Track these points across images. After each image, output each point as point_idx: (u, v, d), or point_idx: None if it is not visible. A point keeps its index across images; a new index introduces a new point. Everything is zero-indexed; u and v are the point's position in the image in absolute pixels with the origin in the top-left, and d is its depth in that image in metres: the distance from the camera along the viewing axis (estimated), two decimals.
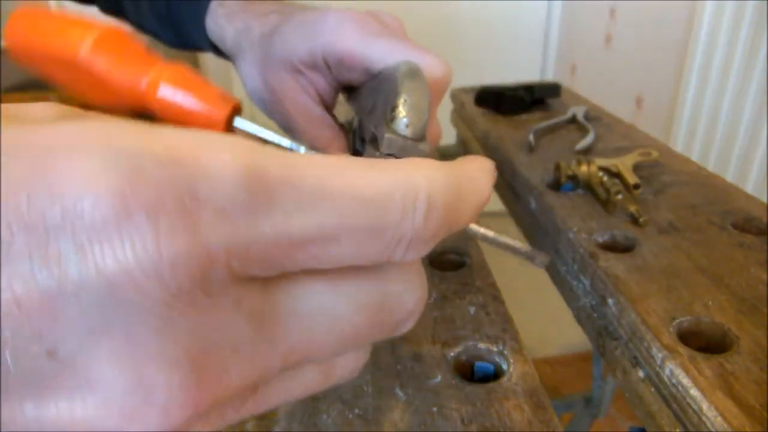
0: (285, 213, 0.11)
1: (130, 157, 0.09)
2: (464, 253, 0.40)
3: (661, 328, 0.29)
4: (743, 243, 0.37)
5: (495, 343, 0.31)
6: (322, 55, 0.32)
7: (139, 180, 0.09)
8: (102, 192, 0.09)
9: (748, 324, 0.29)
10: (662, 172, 0.48)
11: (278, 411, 0.27)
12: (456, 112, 0.76)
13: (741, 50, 1.00)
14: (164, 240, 0.09)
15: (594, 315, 0.35)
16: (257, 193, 0.10)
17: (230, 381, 0.12)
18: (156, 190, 0.09)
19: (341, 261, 0.12)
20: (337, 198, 0.11)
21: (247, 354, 0.12)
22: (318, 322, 0.13)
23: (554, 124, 0.61)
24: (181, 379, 0.11)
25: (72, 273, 0.09)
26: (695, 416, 0.25)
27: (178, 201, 0.10)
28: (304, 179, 0.11)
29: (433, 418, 0.26)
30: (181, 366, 0.11)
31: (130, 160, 0.09)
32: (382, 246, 0.12)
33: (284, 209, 0.11)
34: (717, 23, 1.04)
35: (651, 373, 0.29)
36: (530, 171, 0.49)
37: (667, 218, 0.40)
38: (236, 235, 0.10)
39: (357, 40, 0.30)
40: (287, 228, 0.11)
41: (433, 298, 0.35)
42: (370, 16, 0.32)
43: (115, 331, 0.10)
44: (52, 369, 0.10)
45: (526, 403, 0.27)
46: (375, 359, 0.30)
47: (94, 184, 0.09)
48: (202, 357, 0.11)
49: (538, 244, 0.46)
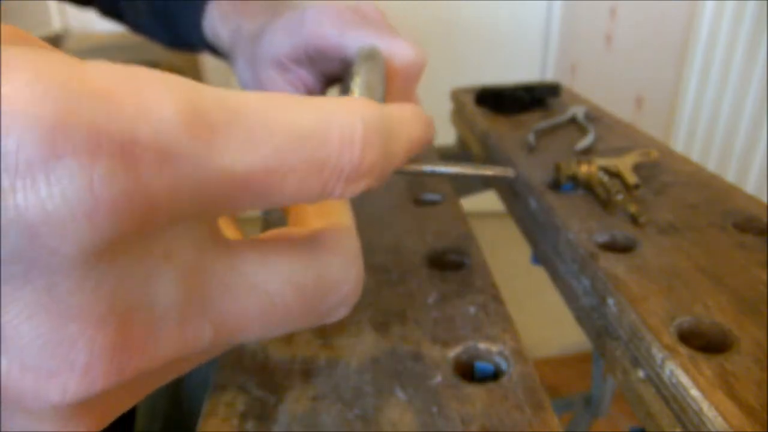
0: (228, 152, 0.10)
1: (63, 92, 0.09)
2: (464, 253, 0.40)
3: (661, 328, 0.29)
4: (743, 243, 0.37)
5: (495, 343, 0.31)
6: (305, 49, 0.33)
7: (71, 119, 0.09)
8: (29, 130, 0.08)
9: (749, 324, 0.29)
10: (662, 172, 0.48)
11: (277, 411, 0.27)
12: (456, 112, 0.76)
13: (741, 50, 1.00)
14: (99, 183, 0.09)
15: (594, 315, 0.35)
16: (198, 132, 0.10)
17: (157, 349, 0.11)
18: (90, 130, 0.09)
19: (284, 199, 0.12)
20: (279, 134, 0.11)
21: (176, 320, 0.11)
22: (250, 299, 0.13)
23: (554, 124, 0.61)
24: (105, 340, 0.10)
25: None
26: (695, 416, 0.25)
27: (115, 142, 0.09)
28: (246, 117, 0.11)
29: (433, 418, 0.26)
30: (106, 325, 0.10)
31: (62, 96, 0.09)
32: (322, 181, 0.12)
33: (227, 148, 0.10)
34: (717, 23, 1.03)
35: (651, 374, 0.29)
36: (530, 171, 0.49)
37: (667, 218, 0.40)
38: (178, 177, 0.10)
39: (333, 31, 0.31)
40: (231, 167, 0.11)
41: (433, 298, 0.35)
42: (348, 9, 0.33)
43: (36, 283, 0.09)
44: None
45: (526, 403, 0.27)
46: (375, 359, 0.30)
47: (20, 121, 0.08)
48: (128, 316, 0.10)
49: (539, 244, 0.46)
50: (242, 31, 0.37)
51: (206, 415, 0.27)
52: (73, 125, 0.09)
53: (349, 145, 0.12)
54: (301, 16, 0.33)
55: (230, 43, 0.38)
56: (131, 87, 0.09)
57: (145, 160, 0.09)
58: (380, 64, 0.25)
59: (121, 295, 0.10)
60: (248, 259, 0.13)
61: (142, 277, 0.11)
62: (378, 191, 0.43)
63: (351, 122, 0.13)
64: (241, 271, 0.13)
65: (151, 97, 0.10)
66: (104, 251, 0.10)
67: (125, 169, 0.09)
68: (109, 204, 0.09)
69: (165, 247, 0.11)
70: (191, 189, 0.10)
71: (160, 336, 0.11)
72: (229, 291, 0.12)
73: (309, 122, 0.12)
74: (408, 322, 0.33)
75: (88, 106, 0.09)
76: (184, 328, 0.12)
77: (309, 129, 0.12)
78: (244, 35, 0.37)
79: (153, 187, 0.09)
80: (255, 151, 0.11)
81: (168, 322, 0.11)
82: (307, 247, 0.14)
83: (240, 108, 0.11)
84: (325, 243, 0.15)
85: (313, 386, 0.28)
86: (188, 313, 0.12)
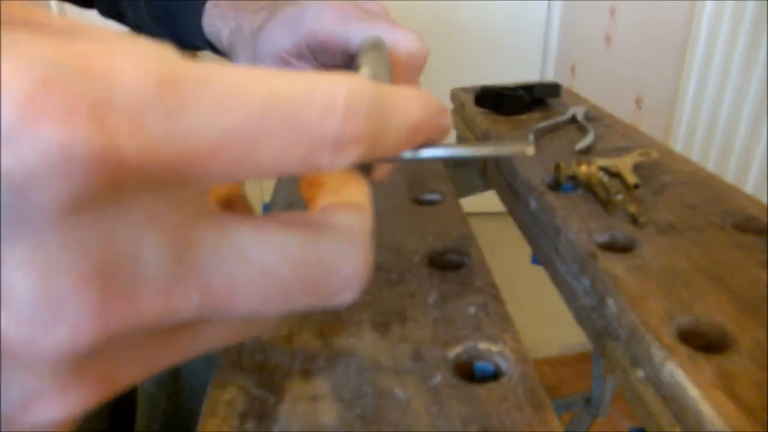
0: (199, 115, 0.11)
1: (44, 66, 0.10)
2: (464, 253, 0.40)
3: (661, 328, 0.29)
4: (743, 243, 0.37)
5: (495, 343, 0.31)
6: (306, 44, 0.33)
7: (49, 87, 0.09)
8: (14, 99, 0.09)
9: (748, 324, 0.29)
10: (662, 172, 0.48)
11: (277, 411, 0.27)
12: (456, 112, 0.76)
13: (741, 50, 1.00)
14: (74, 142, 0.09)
15: (594, 315, 0.35)
16: (168, 94, 0.10)
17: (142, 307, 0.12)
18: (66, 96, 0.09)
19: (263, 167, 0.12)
20: (254, 98, 0.11)
21: (161, 282, 0.12)
22: (241, 270, 0.13)
23: (554, 124, 0.61)
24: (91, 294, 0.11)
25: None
26: (695, 416, 0.25)
27: (91, 106, 0.10)
28: (219, 83, 0.11)
29: (433, 418, 0.26)
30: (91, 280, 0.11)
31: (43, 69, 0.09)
32: (304, 149, 0.12)
33: (198, 111, 0.11)
34: (717, 23, 1.03)
35: (651, 373, 0.29)
36: (530, 171, 0.49)
37: (666, 218, 0.40)
38: (147, 137, 0.10)
39: (335, 25, 0.32)
40: (202, 130, 0.11)
41: (433, 298, 0.35)
42: (350, 4, 0.33)
43: (25, 238, 0.10)
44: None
45: (526, 403, 0.27)
46: (375, 359, 0.30)
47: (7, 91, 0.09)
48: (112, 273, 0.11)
49: (538, 244, 0.46)
50: (242, 29, 0.37)
51: (206, 415, 0.27)
52: (51, 92, 0.09)
53: (331, 111, 0.12)
54: (302, 11, 0.33)
55: (230, 41, 0.39)
56: (107, 57, 0.10)
57: (117, 121, 0.10)
58: (385, 54, 0.25)
59: (105, 253, 0.11)
60: (241, 230, 0.13)
61: (126, 237, 0.11)
62: (378, 191, 0.43)
63: (333, 90, 0.12)
64: (231, 241, 0.13)
65: (125, 65, 0.10)
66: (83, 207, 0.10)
67: (98, 130, 0.10)
68: (85, 160, 0.10)
69: (148, 211, 0.11)
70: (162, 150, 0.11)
71: (145, 294, 0.12)
72: (218, 260, 0.12)
73: (288, 89, 0.12)
74: (408, 322, 0.33)
75: (66, 76, 0.10)
76: (170, 289, 0.12)
77: (288, 95, 0.12)
78: (245, 32, 0.37)
79: (125, 146, 0.10)
80: (227, 116, 0.11)
81: (153, 282, 0.12)
82: (309, 225, 0.14)
83: (213, 75, 0.11)
84: (329, 221, 0.15)
85: (313, 386, 0.28)
86: (174, 275, 0.12)
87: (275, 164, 0.12)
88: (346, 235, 0.15)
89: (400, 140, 0.15)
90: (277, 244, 0.13)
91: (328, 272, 0.14)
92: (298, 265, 0.14)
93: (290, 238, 0.14)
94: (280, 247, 0.13)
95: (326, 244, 0.14)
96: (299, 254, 0.14)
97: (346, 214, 0.16)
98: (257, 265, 0.13)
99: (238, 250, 0.13)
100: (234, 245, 0.13)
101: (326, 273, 0.14)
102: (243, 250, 0.13)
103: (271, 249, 0.13)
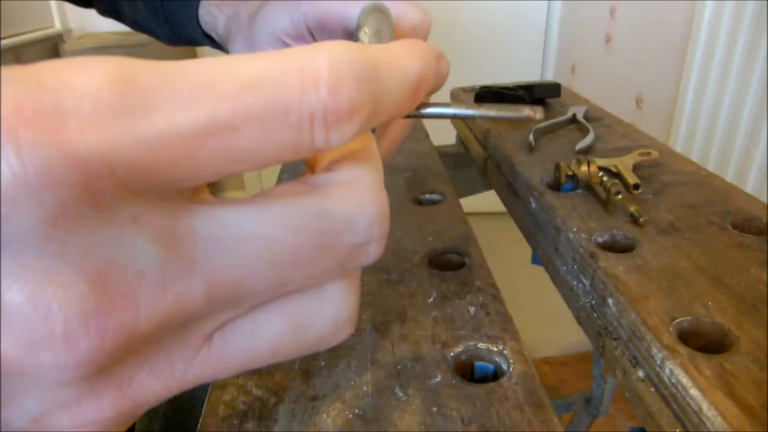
0: (166, 111, 0.10)
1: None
2: (464, 253, 0.40)
3: (661, 328, 0.29)
4: (743, 243, 0.37)
5: (495, 343, 0.31)
6: (305, 23, 0.33)
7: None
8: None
9: (748, 324, 0.29)
10: (662, 172, 0.48)
11: (277, 411, 0.27)
12: None
13: (741, 50, 1.00)
14: (27, 154, 0.09)
15: (594, 315, 0.35)
16: (128, 95, 0.10)
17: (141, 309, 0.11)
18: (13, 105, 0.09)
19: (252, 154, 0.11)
20: (226, 85, 0.11)
21: (157, 282, 0.11)
22: (243, 247, 0.12)
23: (554, 124, 0.61)
24: (78, 303, 0.10)
25: None
26: (695, 416, 0.25)
27: (38, 114, 0.09)
28: (185, 76, 0.11)
29: (433, 418, 0.26)
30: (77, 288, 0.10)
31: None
32: (292, 129, 0.11)
33: (164, 107, 0.10)
34: (717, 23, 1.03)
35: (651, 373, 0.29)
36: (530, 171, 0.49)
37: (667, 218, 0.40)
38: (111, 141, 0.10)
39: (333, 2, 0.31)
40: (172, 125, 0.10)
41: (433, 298, 0.35)
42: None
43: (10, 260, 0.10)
44: None
45: (526, 403, 0.27)
46: (375, 359, 0.30)
47: None
48: (101, 279, 0.11)
49: (538, 244, 0.46)
50: (239, 14, 0.37)
51: (206, 415, 0.27)
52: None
53: (313, 84, 0.11)
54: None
55: (226, 29, 0.38)
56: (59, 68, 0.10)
57: (70, 126, 0.10)
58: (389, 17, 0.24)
59: (90, 259, 0.11)
60: (236, 212, 0.12)
61: (111, 241, 0.11)
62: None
63: (312, 61, 0.12)
64: (226, 226, 0.12)
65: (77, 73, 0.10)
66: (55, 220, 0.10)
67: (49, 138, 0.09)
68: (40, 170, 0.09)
69: (131, 212, 0.11)
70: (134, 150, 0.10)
71: (141, 296, 0.11)
72: (216, 247, 0.12)
73: (262, 69, 0.11)
74: (408, 322, 0.33)
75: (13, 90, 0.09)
76: (169, 286, 0.11)
77: (262, 75, 0.11)
78: (242, 17, 0.37)
79: (83, 151, 0.10)
80: (197, 107, 0.11)
81: (148, 283, 0.11)
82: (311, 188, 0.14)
83: (179, 70, 0.11)
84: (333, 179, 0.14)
85: (313, 386, 0.28)
86: (170, 272, 0.11)
87: (266, 150, 0.11)
88: (353, 188, 0.14)
89: (404, 99, 0.14)
90: (279, 216, 0.13)
91: (342, 230, 0.13)
92: (307, 229, 0.13)
93: (292, 206, 0.13)
94: (282, 217, 0.13)
95: (332, 201, 0.13)
96: (306, 219, 0.13)
97: (350, 166, 0.14)
98: (259, 238, 0.12)
99: (236, 232, 0.12)
100: (231, 229, 0.12)
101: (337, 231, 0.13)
102: (241, 231, 0.12)
103: (273, 222, 0.13)
